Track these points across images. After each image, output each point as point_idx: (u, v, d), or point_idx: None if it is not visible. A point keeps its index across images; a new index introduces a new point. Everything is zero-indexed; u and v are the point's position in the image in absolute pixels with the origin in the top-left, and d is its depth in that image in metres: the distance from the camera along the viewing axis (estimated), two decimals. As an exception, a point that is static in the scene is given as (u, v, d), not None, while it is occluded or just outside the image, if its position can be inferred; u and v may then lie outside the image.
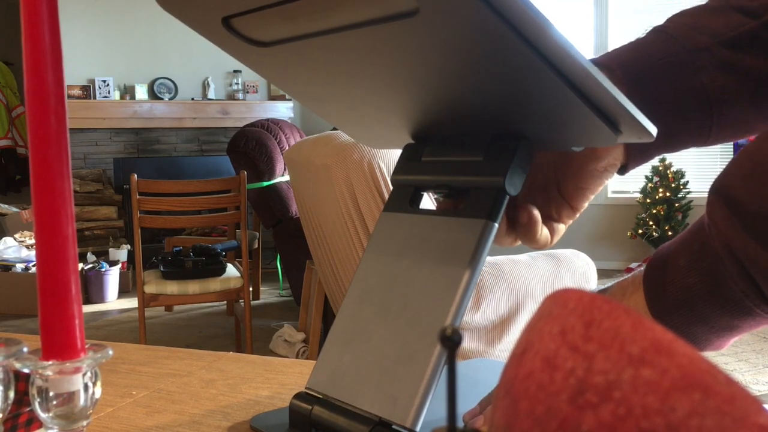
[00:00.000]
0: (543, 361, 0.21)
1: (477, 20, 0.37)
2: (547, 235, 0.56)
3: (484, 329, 2.01)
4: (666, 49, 0.53)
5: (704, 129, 0.53)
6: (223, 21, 0.47)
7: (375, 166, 1.92)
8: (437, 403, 0.45)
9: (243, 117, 5.90)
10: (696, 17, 0.54)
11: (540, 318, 0.23)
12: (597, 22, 5.50)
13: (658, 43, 0.54)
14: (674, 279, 0.47)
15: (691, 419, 0.18)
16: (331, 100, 0.57)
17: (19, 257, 4.52)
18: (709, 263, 0.45)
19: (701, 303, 0.46)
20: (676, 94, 0.52)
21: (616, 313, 0.21)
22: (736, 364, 3.10)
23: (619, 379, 0.19)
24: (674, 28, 0.54)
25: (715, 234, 0.44)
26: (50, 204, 0.36)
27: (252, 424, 0.57)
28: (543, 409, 0.20)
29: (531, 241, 0.54)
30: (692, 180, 5.27)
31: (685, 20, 0.55)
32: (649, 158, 0.56)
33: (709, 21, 0.53)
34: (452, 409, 0.21)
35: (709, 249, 0.45)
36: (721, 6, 0.53)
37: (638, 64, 0.53)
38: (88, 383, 0.37)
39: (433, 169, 0.54)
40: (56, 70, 0.36)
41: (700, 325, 0.46)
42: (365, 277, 0.54)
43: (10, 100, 6.09)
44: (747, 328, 0.46)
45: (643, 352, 0.19)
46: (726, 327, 0.46)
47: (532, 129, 0.49)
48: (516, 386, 0.22)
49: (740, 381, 3.07)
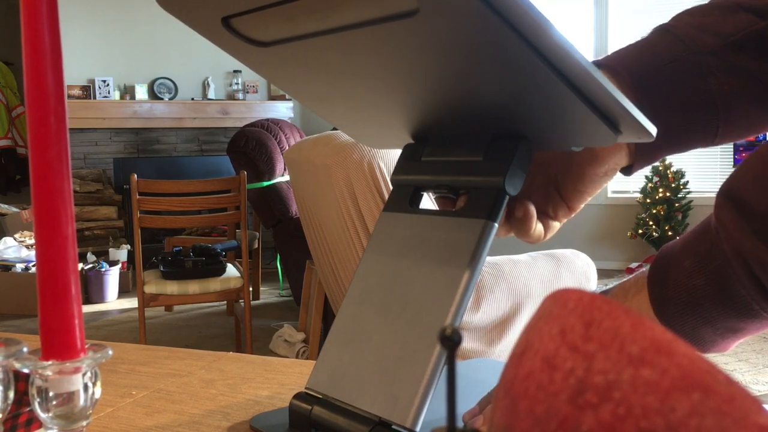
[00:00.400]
0: (543, 361, 0.21)
1: (477, 20, 0.37)
2: (540, 231, 0.56)
3: (484, 329, 2.01)
4: (672, 51, 0.53)
5: (711, 130, 0.53)
6: (222, 21, 0.47)
7: (375, 166, 1.92)
8: (437, 402, 0.45)
9: (243, 117, 5.90)
10: (702, 16, 0.54)
11: (540, 318, 0.23)
12: (597, 23, 5.50)
13: (663, 44, 0.53)
14: (679, 280, 0.47)
15: (691, 419, 0.18)
16: (331, 100, 0.57)
17: (19, 257, 4.52)
18: (716, 265, 0.44)
19: (707, 304, 0.45)
20: (684, 98, 0.52)
21: (616, 313, 0.21)
22: (736, 364, 3.10)
23: (619, 379, 0.19)
24: (680, 28, 0.54)
25: (723, 236, 0.44)
26: (50, 204, 0.36)
27: (252, 424, 0.57)
28: (543, 409, 0.20)
29: (524, 235, 0.55)
30: (692, 180, 5.27)
31: (691, 20, 0.54)
32: (655, 159, 0.56)
33: (715, 21, 0.53)
34: (452, 409, 0.21)
35: (716, 251, 0.44)
36: (729, 4, 0.53)
37: (644, 67, 0.53)
38: (87, 383, 0.37)
39: (432, 169, 0.54)
40: (56, 70, 0.36)
41: (705, 326, 0.46)
42: (365, 277, 0.54)
43: (10, 100, 6.09)
44: (752, 330, 0.46)
45: (642, 352, 0.19)
46: (731, 329, 0.46)
47: (532, 129, 0.49)
48: (516, 386, 0.22)
49: (740, 381, 3.07)
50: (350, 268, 2.15)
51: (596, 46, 5.50)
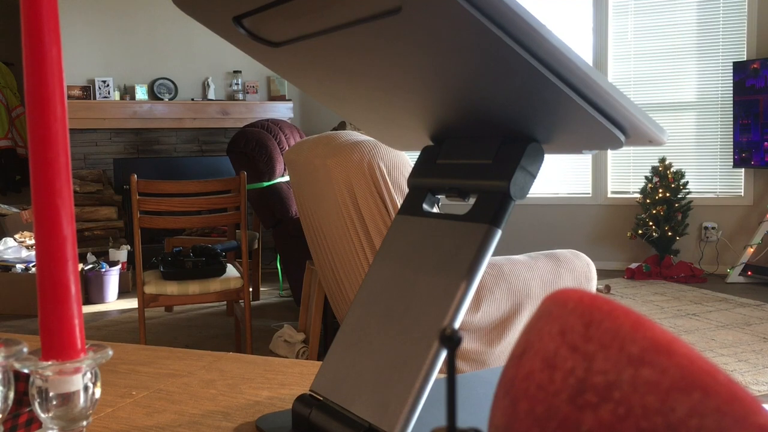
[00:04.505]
0: (543, 361, 0.21)
1: (459, 20, 0.37)
2: None
3: (484, 330, 2.01)
4: None
5: None
6: (234, 20, 0.47)
7: (375, 166, 1.92)
8: (437, 413, 0.45)
9: (243, 117, 5.90)
10: None
11: (540, 318, 0.23)
12: (596, 23, 5.50)
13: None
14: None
15: (691, 419, 0.18)
16: (349, 101, 0.57)
17: (19, 257, 4.52)
18: None
19: None
20: None
21: (616, 313, 0.21)
22: (736, 365, 3.10)
23: (619, 379, 0.19)
24: None
25: None
26: (50, 204, 0.36)
27: (257, 424, 0.57)
28: (543, 409, 0.20)
29: None
30: (692, 180, 5.27)
31: None
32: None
33: None
34: (452, 409, 0.21)
35: None
36: None
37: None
38: (87, 383, 0.37)
39: (445, 172, 0.54)
40: (56, 70, 0.36)
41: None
42: (374, 281, 0.54)
43: (10, 100, 6.09)
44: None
45: (642, 352, 0.19)
46: None
47: (541, 132, 0.49)
48: (516, 386, 0.22)
49: (740, 381, 3.07)
50: (350, 268, 2.15)
51: (595, 46, 5.49)
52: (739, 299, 4.37)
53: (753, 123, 4.93)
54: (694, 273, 5.04)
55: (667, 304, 4.27)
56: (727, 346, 3.34)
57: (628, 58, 5.46)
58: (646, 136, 0.45)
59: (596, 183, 5.54)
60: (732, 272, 4.91)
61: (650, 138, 0.45)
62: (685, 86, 5.33)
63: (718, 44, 5.22)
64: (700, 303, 4.29)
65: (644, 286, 4.83)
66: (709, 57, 5.25)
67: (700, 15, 5.25)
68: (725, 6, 5.18)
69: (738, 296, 4.46)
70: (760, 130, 4.89)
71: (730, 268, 5.00)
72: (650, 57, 5.39)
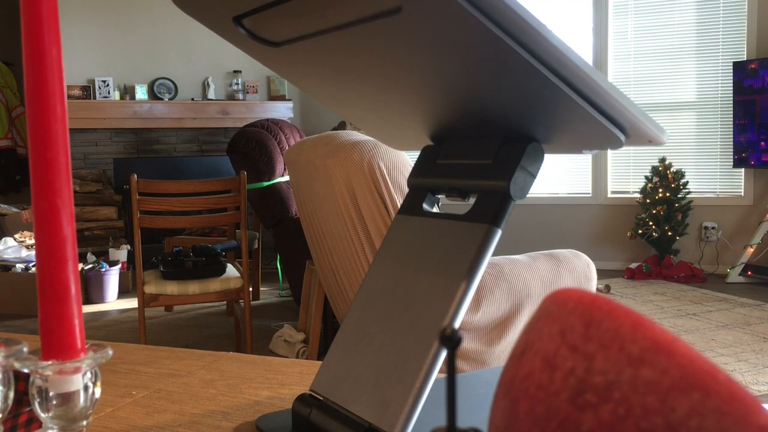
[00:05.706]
0: (543, 361, 0.21)
1: (474, 28, 0.37)
2: None
3: (484, 329, 2.01)
4: None
5: None
6: (234, 20, 0.47)
7: (375, 166, 1.92)
8: (437, 413, 0.45)
9: (243, 117, 5.90)
10: None
11: (540, 318, 0.23)
12: (596, 23, 5.50)
13: None
14: None
15: (691, 419, 0.18)
16: (348, 101, 0.57)
17: (19, 257, 4.52)
18: None
19: None
20: None
21: (616, 313, 0.21)
22: (736, 364, 3.10)
23: (619, 379, 0.19)
24: None
25: None
26: (50, 204, 0.36)
27: (257, 424, 0.57)
28: (543, 409, 0.20)
29: None
30: (692, 180, 5.27)
31: None
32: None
33: None
34: (452, 409, 0.21)
35: None
36: None
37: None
38: (88, 383, 0.37)
39: (445, 172, 0.54)
40: (56, 70, 0.36)
41: None
42: (374, 280, 0.54)
43: (10, 100, 6.09)
44: None
45: (642, 352, 0.19)
46: None
47: (540, 131, 0.49)
48: (516, 386, 0.22)
49: (740, 381, 3.06)
50: (350, 268, 2.15)
51: (596, 46, 5.50)
52: (739, 299, 4.37)
53: (750, 123, 4.93)
54: (694, 273, 5.04)
55: (667, 304, 4.27)
56: (727, 346, 3.34)
57: (628, 58, 5.46)
58: (646, 135, 0.45)
59: (596, 183, 5.54)
60: (732, 272, 4.91)
61: (650, 138, 0.45)
62: (685, 86, 5.33)
63: (717, 44, 5.22)
64: (700, 303, 4.29)
65: (644, 286, 4.83)
66: (709, 57, 5.25)
67: (699, 15, 5.25)
68: (725, 6, 5.18)
69: (738, 296, 4.46)
70: (756, 130, 4.90)
71: (730, 268, 5.00)
72: (650, 57, 5.39)
